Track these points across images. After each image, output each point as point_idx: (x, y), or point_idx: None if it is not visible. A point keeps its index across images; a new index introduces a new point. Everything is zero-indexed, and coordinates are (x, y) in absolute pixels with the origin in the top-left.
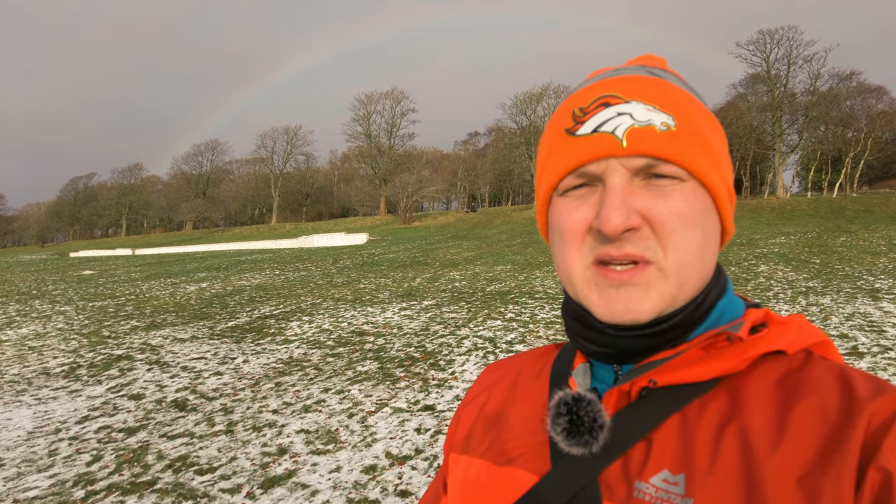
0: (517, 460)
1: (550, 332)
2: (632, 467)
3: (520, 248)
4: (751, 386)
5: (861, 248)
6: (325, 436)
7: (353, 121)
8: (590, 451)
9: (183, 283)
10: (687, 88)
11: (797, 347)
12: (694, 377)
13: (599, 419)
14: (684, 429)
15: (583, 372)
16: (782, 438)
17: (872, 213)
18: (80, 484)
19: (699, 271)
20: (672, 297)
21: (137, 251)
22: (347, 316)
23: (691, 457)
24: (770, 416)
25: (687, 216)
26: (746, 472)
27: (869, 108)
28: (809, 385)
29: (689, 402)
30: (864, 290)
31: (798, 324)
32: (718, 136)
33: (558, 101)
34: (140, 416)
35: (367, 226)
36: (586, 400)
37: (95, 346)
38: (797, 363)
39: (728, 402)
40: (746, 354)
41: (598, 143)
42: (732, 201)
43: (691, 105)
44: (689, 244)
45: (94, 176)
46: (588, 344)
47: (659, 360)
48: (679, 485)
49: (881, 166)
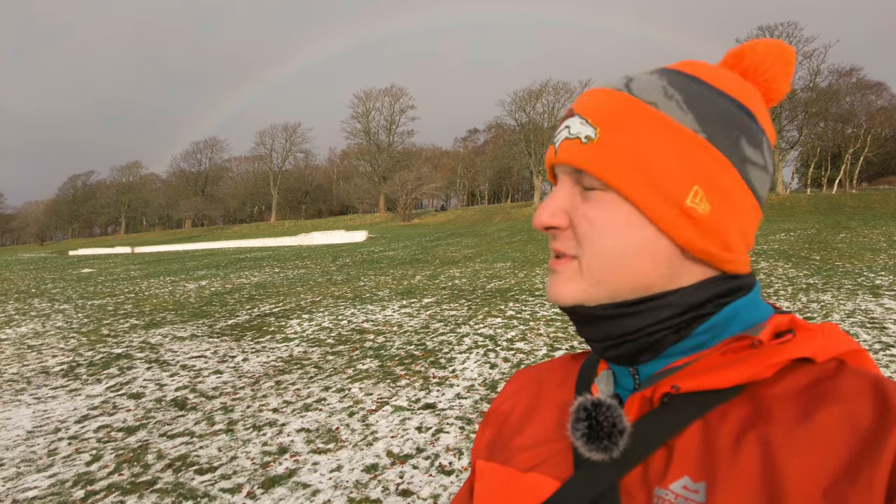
0: (540, 467)
1: (551, 329)
2: (652, 474)
3: (519, 245)
4: (776, 393)
5: (861, 244)
6: (326, 435)
7: (352, 118)
8: (610, 456)
9: (182, 281)
10: (669, 97)
11: (827, 356)
12: (717, 383)
13: (619, 424)
14: (706, 436)
15: (606, 378)
16: (807, 448)
17: (872, 209)
18: (80, 484)
19: (622, 276)
20: (586, 291)
21: (136, 249)
22: (347, 314)
23: (713, 464)
24: (794, 425)
25: (599, 223)
26: (768, 481)
27: (868, 105)
28: (839, 394)
29: (712, 409)
30: (864, 287)
31: (828, 331)
32: (667, 149)
33: (557, 98)
34: (140, 415)
35: (366, 223)
36: (606, 405)
37: (95, 344)
38: (828, 372)
39: (751, 409)
40: (771, 361)
41: (549, 151)
42: (688, 219)
43: (635, 117)
44: (603, 249)
45: (92, 174)
46: (581, 336)
47: (678, 366)
48: (700, 492)
49: (880, 163)
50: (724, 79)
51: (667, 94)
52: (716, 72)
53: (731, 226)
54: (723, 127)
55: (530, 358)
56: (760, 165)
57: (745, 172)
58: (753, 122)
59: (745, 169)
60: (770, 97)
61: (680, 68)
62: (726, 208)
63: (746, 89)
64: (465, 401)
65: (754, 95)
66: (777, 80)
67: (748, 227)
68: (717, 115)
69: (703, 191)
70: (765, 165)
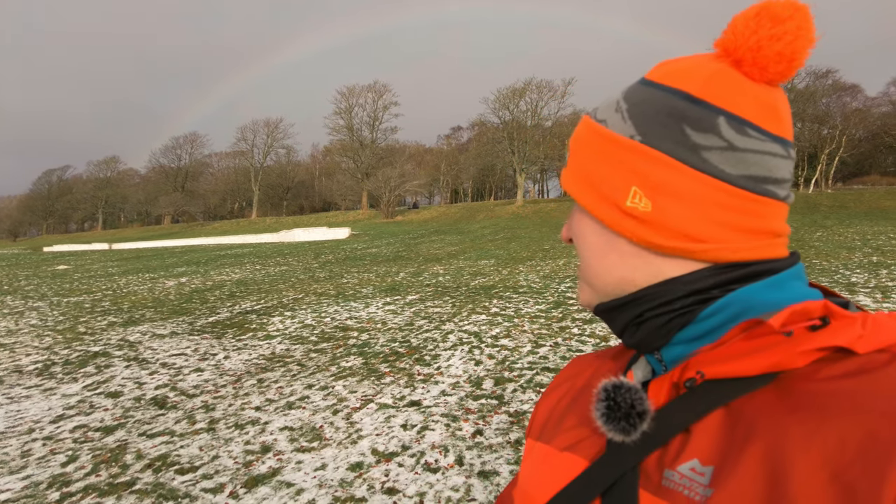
0: (576, 447)
1: (535, 325)
2: (667, 456)
3: (503, 242)
4: (805, 385)
5: (837, 242)
6: (310, 433)
7: (335, 114)
8: (629, 437)
9: (162, 277)
10: (617, 110)
11: (872, 346)
12: (743, 370)
13: (638, 406)
14: (725, 423)
15: (643, 365)
16: (817, 448)
17: (847, 208)
18: (55, 486)
19: (602, 276)
20: (589, 294)
21: (114, 246)
22: (330, 311)
23: (724, 450)
24: (812, 421)
25: (575, 234)
26: (773, 473)
27: (844, 106)
28: (874, 390)
29: (737, 397)
30: (841, 285)
31: (874, 320)
32: (605, 159)
33: (541, 96)
34: (118, 414)
35: (349, 220)
36: (626, 387)
37: (71, 342)
38: (873, 364)
39: (776, 399)
40: (799, 349)
41: None
42: (633, 218)
43: (587, 137)
44: (583, 255)
45: (68, 168)
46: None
47: (703, 351)
48: (706, 475)
49: (854, 163)
50: (677, 72)
51: (617, 109)
52: (674, 67)
53: (686, 217)
54: (662, 124)
55: (515, 355)
56: (720, 147)
57: (700, 160)
58: (701, 107)
59: (698, 157)
60: (769, 67)
61: (648, 73)
62: (671, 202)
63: (702, 76)
64: (451, 398)
65: (712, 78)
66: (770, 45)
67: (720, 213)
68: (659, 113)
69: (641, 190)
70: (729, 145)
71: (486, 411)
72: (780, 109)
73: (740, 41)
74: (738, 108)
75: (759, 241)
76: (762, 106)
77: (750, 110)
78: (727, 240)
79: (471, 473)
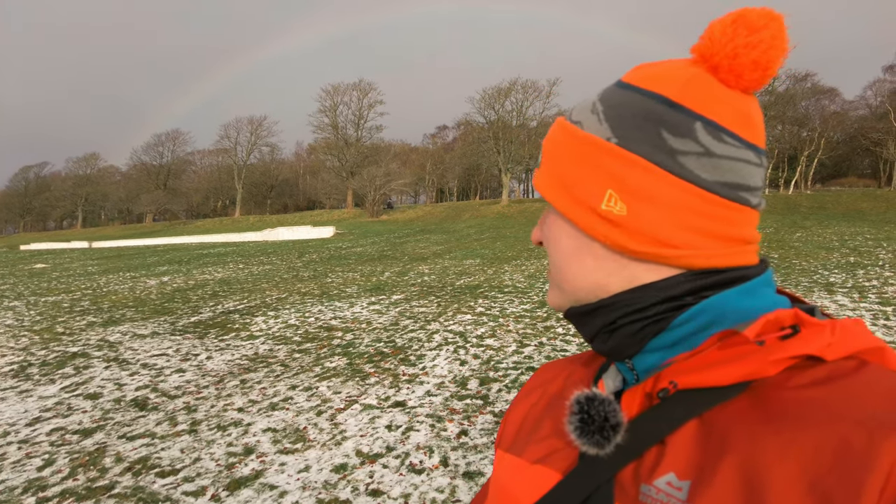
0: (547, 459)
1: (520, 325)
2: (643, 469)
3: (488, 242)
4: (778, 393)
5: (815, 243)
6: (293, 434)
7: (320, 112)
8: (603, 450)
9: (143, 277)
10: (594, 112)
11: (839, 353)
12: (715, 380)
13: (612, 419)
14: (700, 434)
15: (613, 374)
16: (793, 457)
17: (825, 209)
18: (31, 490)
19: (570, 280)
20: (559, 297)
21: (95, 244)
22: (314, 311)
23: (700, 463)
24: (786, 430)
25: (547, 237)
26: (750, 485)
27: (822, 109)
28: (843, 397)
29: (711, 407)
30: (820, 285)
31: (842, 327)
32: (580, 162)
33: (526, 96)
34: (97, 416)
35: (333, 219)
36: (599, 399)
37: (48, 343)
38: (841, 372)
39: (750, 408)
40: (771, 358)
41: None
42: (607, 221)
43: (562, 139)
44: (554, 258)
45: (46, 165)
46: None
47: (675, 360)
48: (683, 490)
49: (833, 165)
50: (655, 76)
51: (593, 111)
52: (652, 71)
53: (661, 222)
54: (639, 128)
55: (500, 354)
56: (697, 152)
57: (676, 164)
58: (679, 112)
59: (675, 161)
60: (745, 75)
61: (625, 75)
62: (646, 206)
63: (679, 80)
64: (436, 398)
65: (689, 83)
66: (746, 53)
67: (695, 219)
68: (636, 117)
69: (616, 194)
70: (706, 151)
71: (471, 411)
72: (754, 117)
73: (717, 47)
74: (715, 114)
75: (732, 247)
76: (737, 113)
77: (726, 117)
78: (701, 246)
79: (456, 474)
